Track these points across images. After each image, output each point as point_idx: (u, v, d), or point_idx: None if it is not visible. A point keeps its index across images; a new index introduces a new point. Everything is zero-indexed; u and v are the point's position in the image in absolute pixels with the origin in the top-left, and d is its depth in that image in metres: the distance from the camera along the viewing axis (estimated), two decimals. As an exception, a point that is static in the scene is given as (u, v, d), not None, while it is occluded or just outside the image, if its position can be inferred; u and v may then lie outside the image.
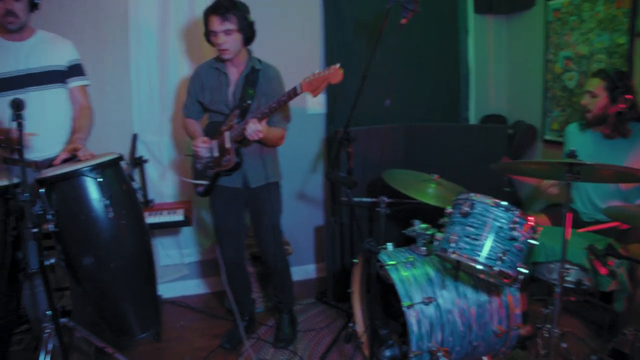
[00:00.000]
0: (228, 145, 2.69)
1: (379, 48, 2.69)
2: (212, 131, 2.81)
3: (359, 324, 2.86)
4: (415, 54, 3.88)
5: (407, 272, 2.41)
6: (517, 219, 2.10)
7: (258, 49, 2.87)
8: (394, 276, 2.39)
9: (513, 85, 4.14)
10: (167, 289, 3.67)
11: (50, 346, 2.19)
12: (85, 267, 2.25)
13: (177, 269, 3.73)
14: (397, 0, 2.65)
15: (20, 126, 1.98)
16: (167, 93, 3.46)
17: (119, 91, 3.35)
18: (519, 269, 2.09)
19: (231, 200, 2.90)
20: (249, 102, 2.65)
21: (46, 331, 2.20)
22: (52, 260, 2.16)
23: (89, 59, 2.82)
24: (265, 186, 2.86)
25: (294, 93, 2.49)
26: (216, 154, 2.76)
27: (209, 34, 2.67)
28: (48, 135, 2.55)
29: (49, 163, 2.50)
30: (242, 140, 2.68)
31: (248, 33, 2.69)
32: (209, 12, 2.62)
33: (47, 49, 2.58)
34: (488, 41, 4.15)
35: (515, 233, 2.09)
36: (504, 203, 2.13)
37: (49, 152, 2.56)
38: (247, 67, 2.74)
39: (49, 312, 2.17)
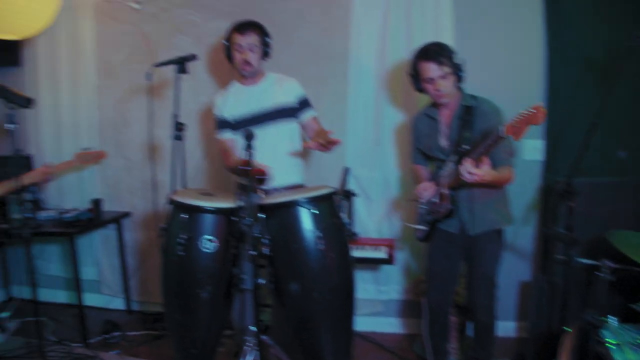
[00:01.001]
0: (444, 191, 2.63)
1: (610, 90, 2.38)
2: (435, 177, 2.78)
3: (564, 402, 2.54)
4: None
5: (634, 357, 2.07)
6: None
7: (473, 83, 2.77)
8: (618, 358, 2.06)
9: None
10: (359, 322, 3.65)
11: (249, 358, 2.33)
12: (291, 292, 2.37)
13: (372, 304, 3.73)
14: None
15: (250, 155, 2.16)
16: (381, 129, 3.51)
17: (335, 125, 3.44)
18: None
19: (447, 244, 2.80)
20: (466, 147, 2.54)
21: (248, 344, 2.34)
22: (262, 281, 2.30)
23: (309, 94, 3.03)
24: (485, 234, 2.70)
25: (498, 136, 2.30)
26: (435, 200, 2.72)
27: (421, 81, 2.63)
28: (279, 166, 2.78)
29: (275, 191, 2.72)
30: (458, 186, 2.58)
31: (460, 73, 2.61)
32: (421, 59, 2.58)
33: (276, 90, 2.88)
34: None
35: None
36: None
37: (279, 182, 2.78)
38: (459, 107, 2.65)
39: (253, 328, 2.32)
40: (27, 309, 4.20)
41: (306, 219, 2.31)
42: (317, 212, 2.30)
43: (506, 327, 3.68)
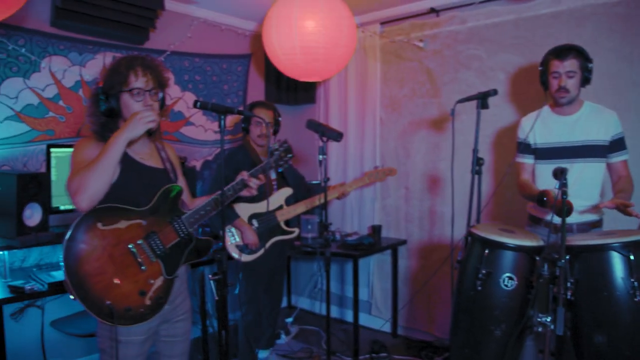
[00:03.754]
0: None
1: None
2: None
3: None
4: None
5: None
6: None
7: None
8: None
9: None
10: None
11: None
12: (594, 344, 2.19)
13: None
14: None
15: (564, 193, 2.07)
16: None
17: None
18: None
19: None
20: None
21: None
22: (552, 327, 2.16)
23: (630, 127, 2.76)
24: None
25: None
26: None
27: None
28: (581, 201, 2.61)
29: (575, 227, 2.58)
30: None
31: None
32: None
33: (591, 124, 2.67)
34: None
35: None
36: None
37: (578, 218, 2.61)
38: None
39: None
40: (305, 318, 4.69)
41: (619, 265, 2.11)
42: (633, 258, 2.09)
43: None
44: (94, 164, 1.84)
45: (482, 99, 2.65)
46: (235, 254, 3.26)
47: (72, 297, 1.83)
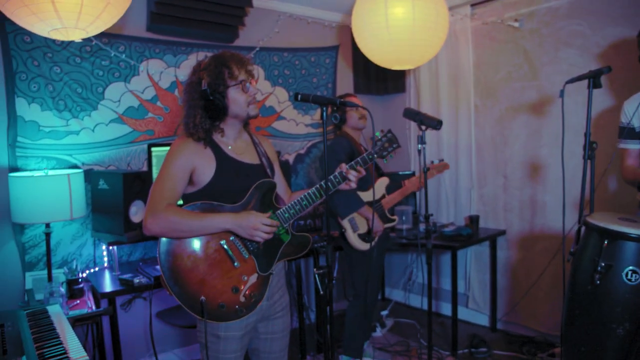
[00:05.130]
0: None
1: None
2: None
3: None
4: None
5: None
6: None
7: None
8: None
9: None
10: None
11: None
12: None
13: None
14: None
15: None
16: None
17: None
18: None
19: None
20: None
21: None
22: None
23: None
24: None
25: None
26: None
27: None
28: None
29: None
30: None
31: None
32: None
33: None
34: None
35: None
36: None
37: None
38: None
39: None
40: (399, 310, 4.62)
41: None
42: None
43: None
44: (187, 223, 1.83)
45: (594, 78, 2.43)
46: (358, 245, 3.25)
47: (168, 292, 1.85)
